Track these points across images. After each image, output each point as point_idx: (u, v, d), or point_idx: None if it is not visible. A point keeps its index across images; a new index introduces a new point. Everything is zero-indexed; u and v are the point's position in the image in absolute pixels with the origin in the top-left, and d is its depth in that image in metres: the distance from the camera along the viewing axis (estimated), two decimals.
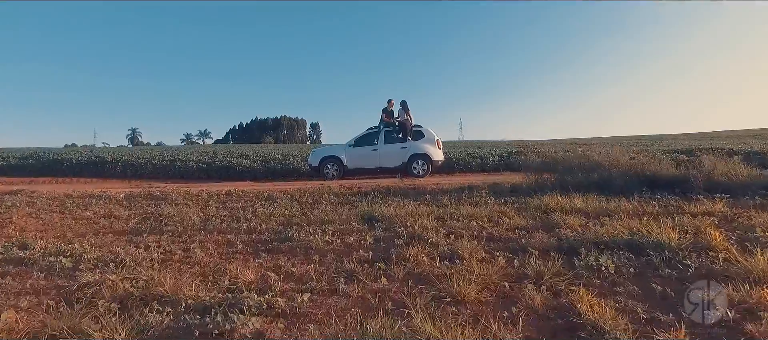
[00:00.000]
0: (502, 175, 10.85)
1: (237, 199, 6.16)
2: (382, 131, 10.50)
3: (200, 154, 14.60)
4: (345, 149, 10.48)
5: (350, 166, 10.40)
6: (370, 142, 10.43)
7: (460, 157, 12.05)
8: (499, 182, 7.35)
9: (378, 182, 8.85)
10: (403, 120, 10.53)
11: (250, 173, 11.62)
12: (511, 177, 9.25)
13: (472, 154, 12.84)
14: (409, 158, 10.28)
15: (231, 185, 9.41)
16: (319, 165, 10.43)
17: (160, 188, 8.72)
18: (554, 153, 11.73)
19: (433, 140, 10.51)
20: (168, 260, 3.19)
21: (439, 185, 7.63)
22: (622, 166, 5.81)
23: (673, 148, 14.33)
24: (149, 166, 11.87)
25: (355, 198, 5.85)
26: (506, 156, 12.65)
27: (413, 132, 10.51)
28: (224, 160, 12.21)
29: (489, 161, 11.94)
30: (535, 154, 11.32)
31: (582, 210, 4.35)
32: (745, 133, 44.10)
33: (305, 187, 7.90)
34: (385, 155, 10.34)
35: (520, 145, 19.62)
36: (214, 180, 11.49)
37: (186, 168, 11.83)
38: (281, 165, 11.84)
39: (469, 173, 11.67)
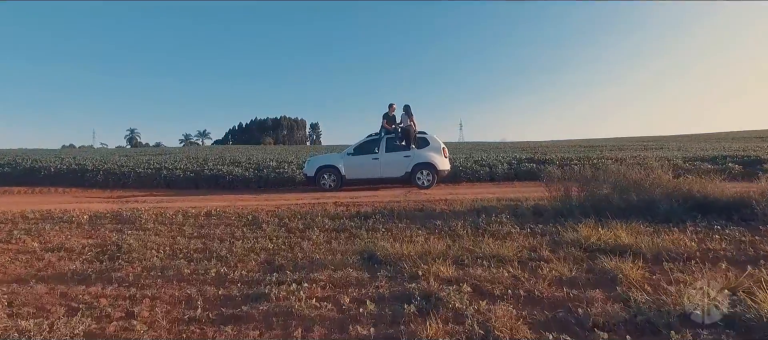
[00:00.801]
0: (514, 186, 10.02)
1: (216, 222, 5.32)
2: (384, 139, 9.67)
3: (189, 160, 13.76)
4: (343, 158, 9.64)
5: (349, 176, 9.57)
6: (371, 151, 9.60)
7: (467, 165, 11.21)
8: (515, 199, 6.53)
9: (379, 197, 8.02)
10: (407, 126, 9.70)
11: (241, 182, 10.78)
12: (526, 190, 8.42)
13: (479, 162, 11.99)
14: (412, 168, 9.44)
15: (218, 198, 8.57)
16: (315, 175, 9.60)
17: (137, 202, 7.89)
18: (576, 165, 10.88)
19: (439, 148, 9.67)
20: (99, 335, 2.36)
21: (448, 201, 6.80)
22: (666, 186, 4.97)
23: (694, 155, 13.46)
24: (133, 175, 11.03)
25: (353, 223, 5.01)
26: (516, 163, 11.81)
27: (417, 139, 9.68)
28: (214, 169, 11.37)
29: (498, 170, 11.10)
30: (558, 165, 10.49)
31: (632, 248, 3.52)
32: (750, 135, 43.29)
33: (298, 202, 7.06)
34: (387, 165, 9.50)
35: (526, 149, 18.77)
36: (202, 190, 10.65)
37: (172, 177, 10.99)
38: (275, 174, 11.00)
39: (476, 182, 10.83)
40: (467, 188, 9.69)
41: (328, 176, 9.56)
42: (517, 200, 6.38)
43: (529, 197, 6.77)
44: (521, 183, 10.62)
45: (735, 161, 11.16)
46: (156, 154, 23.37)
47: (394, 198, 7.81)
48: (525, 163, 11.62)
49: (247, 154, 21.81)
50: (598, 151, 23.74)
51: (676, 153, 18.97)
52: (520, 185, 10.09)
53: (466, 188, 9.80)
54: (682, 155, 13.13)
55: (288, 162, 13.27)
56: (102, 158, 13.87)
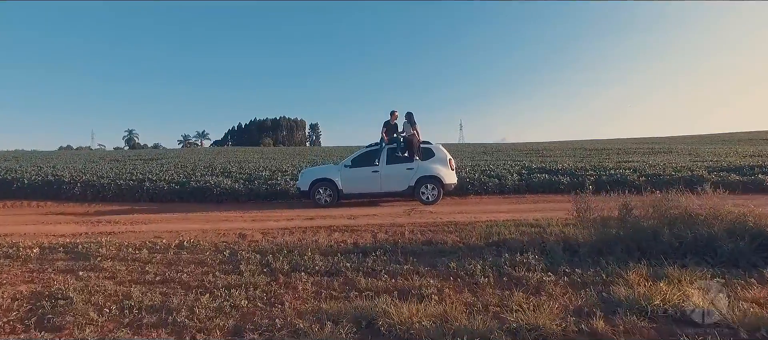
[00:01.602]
0: (527, 201, 9.20)
1: (187, 259, 4.48)
2: (385, 149, 8.85)
3: (177, 170, 12.92)
4: (340, 170, 8.82)
5: (346, 191, 8.75)
6: (370, 163, 8.78)
7: (474, 176, 10.38)
8: (536, 225, 5.69)
9: (379, 216, 7.19)
10: (409, 136, 8.88)
11: (230, 196, 9.95)
12: (543, 208, 7.58)
13: (486, 172, 11.17)
14: (416, 182, 8.63)
15: (202, 216, 7.74)
16: (310, 189, 8.77)
17: (109, 224, 7.06)
18: (592, 176, 9.99)
19: (445, 160, 8.85)
20: None
21: (458, 225, 5.98)
22: (727, 219, 4.14)
23: (715, 163, 12.61)
24: (113, 187, 10.20)
25: (350, 262, 4.18)
26: (526, 174, 10.98)
27: (421, 150, 8.86)
28: (201, 180, 10.53)
29: (507, 182, 10.28)
30: (571, 176, 9.66)
31: (716, 317, 2.69)
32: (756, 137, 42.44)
33: (288, 225, 6.22)
34: (388, 178, 8.68)
35: (529, 151, 17.98)
36: (187, 204, 9.83)
37: (156, 189, 10.16)
38: (267, 186, 10.17)
39: (485, 196, 10.00)
40: (476, 204, 8.85)
41: (324, 190, 8.73)
42: (539, 226, 5.55)
43: (551, 219, 5.94)
44: (534, 196, 9.80)
45: (765, 172, 10.33)
46: (148, 159, 22.53)
47: (396, 218, 6.99)
48: (536, 173, 10.79)
49: (244, 158, 21.00)
50: (606, 156, 22.97)
51: (687, 158, 18.18)
52: (532, 199, 9.27)
53: (474, 203, 8.96)
54: (704, 165, 12.27)
55: (282, 171, 12.44)
56: (83, 168, 13.01)
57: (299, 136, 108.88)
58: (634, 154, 23.43)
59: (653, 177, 10.20)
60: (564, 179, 10.29)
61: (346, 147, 44.35)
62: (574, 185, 10.19)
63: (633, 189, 10.08)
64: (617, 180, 10.11)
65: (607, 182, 10.15)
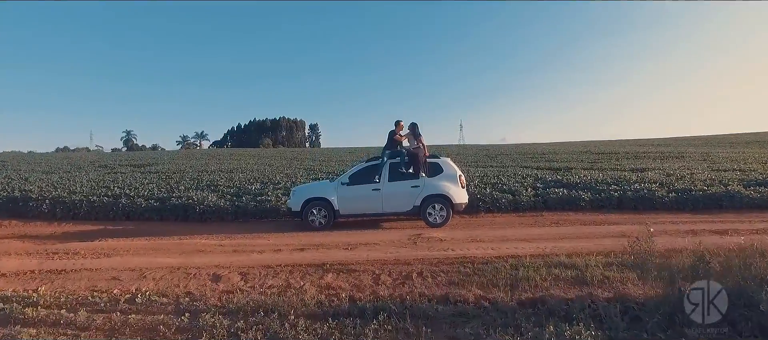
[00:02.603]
0: (545, 221, 8.21)
1: (134, 325, 3.49)
2: (386, 165, 7.85)
3: (161, 181, 11.90)
4: (336, 188, 7.83)
5: (343, 212, 7.76)
6: (370, 179, 7.78)
7: (485, 192, 9.38)
8: (571, 265, 4.70)
9: (380, 246, 6.19)
10: (415, 149, 7.89)
11: (214, 214, 8.96)
12: (567, 233, 6.57)
13: (498, 186, 10.16)
14: (422, 201, 7.64)
15: (175, 243, 6.74)
16: (303, 209, 7.78)
17: (67, 255, 6.05)
18: (616, 191, 8.91)
19: (455, 177, 7.85)
20: None
21: (476, 262, 4.98)
22: None
23: (744, 175, 11.59)
24: (86, 204, 9.19)
25: (345, 335, 3.19)
26: (541, 188, 9.99)
27: (428, 165, 7.87)
28: (183, 196, 9.53)
29: (522, 197, 9.29)
30: (592, 191, 8.55)
31: None
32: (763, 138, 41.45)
33: (273, 262, 5.18)
34: (391, 197, 7.70)
35: (532, 154, 17.01)
36: (167, 224, 8.83)
37: (133, 207, 9.16)
38: (255, 203, 9.17)
39: (498, 214, 9.01)
40: (490, 225, 7.86)
41: (318, 211, 7.74)
42: (576, 268, 4.56)
43: (588, 258, 4.95)
44: (552, 215, 8.81)
45: None
46: (139, 165, 21.52)
47: (401, 248, 6.00)
48: (553, 188, 9.78)
49: (237, 166, 20.00)
50: (615, 160, 21.92)
51: (703, 165, 17.19)
52: (552, 220, 8.28)
53: (488, 225, 7.96)
54: (734, 176, 11.25)
55: (274, 183, 11.44)
56: (57, 181, 11.93)
57: (299, 137, 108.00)
58: (644, 159, 22.40)
59: (683, 193, 9.21)
60: (584, 194, 9.30)
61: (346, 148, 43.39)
62: (595, 201, 9.22)
63: (662, 207, 9.22)
64: (644, 197, 9.13)
65: (633, 198, 9.18)
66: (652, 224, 7.79)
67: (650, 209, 8.97)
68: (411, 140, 8.04)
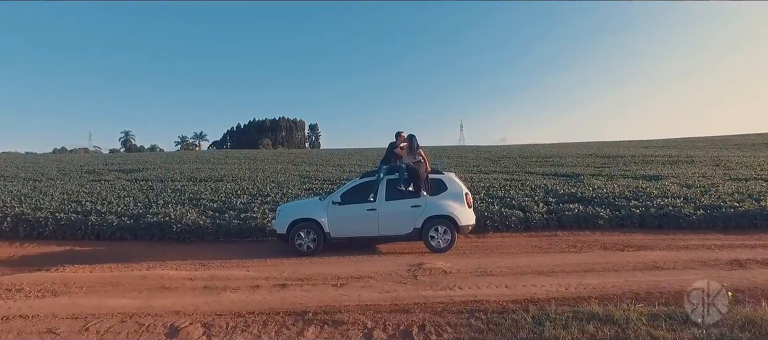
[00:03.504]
0: (561, 243, 7.35)
1: None
2: (383, 181, 6.98)
3: (141, 193, 11.01)
4: (327, 208, 6.96)
5: (335, 234, 6.90)
6: (364, 198, 6.91)
7: (494, 209, 8.49)
8: (607, 317, 3.81)
9: (375, 279, 5.31)
10: (415, 163, 7.02)
11: (193, 233, 8.10)
12: (590, 263, 5.67)
13: (507, 201, 9.28)
14: (424, 223, 6.78)
15: (144, 267, 5.86)
16: (289, 231, 6.91)
17: (7, 294, 5.17)
18: (638, 208, 7.93)
19: (460, 195, 6.98)
20: None
21: (488, 310, 4.12)
22: None
23: None
24: (51, 222, 8.32)
25: None
26: (554, 203, 9.11)
27: (430, 182, 7.00)
28: (160, 213, 8.65)
29: (533, 214, 8.42)
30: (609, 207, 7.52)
31: None
32: None
33: (240, 317, 4.29)
34: (388, 218, 6.84)
35: (536, 156, 16.14)
36: (140, 244, 8.00)
37: (104, 225, 8.30)
38: (239, 221, 8.30)
39: (507, 234, 8.15)
40: (499, 251, 6.99)
41: (306, 233, 6.87)
42: (614, 323, 3.68)
43: (623, 296, 4.09)
44: (568, 235, 7.95)
45: None
46: (128, 170, 20.60)
47: (398, 286, 5.12)
48: (567, 204, 8.90)
49: (229, 171, 19.10)
50: (623, 165, 21.00)
51: (718, 171, 16.31)
52: (569, 242, 7.42)
53: (497, 249, 7.08)
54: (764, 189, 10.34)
55: (263, 196, 10.56)
56: (28, 193, 10.99)
57: (298, 137, 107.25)
58: (653, 163, 21.48)
59: (712, 209, 8.33)
60: (602, 211, 8.43)
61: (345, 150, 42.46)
62: (615, 219, 8.35)
63: (689, 226, 8.34)
64: (669, 214, 8.25)
65: (656, 215, 8.31)
66: (682, 248, 7.02)
67: (676, 227, 8.11)
68: (409, 153, 7.17)
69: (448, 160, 27.40)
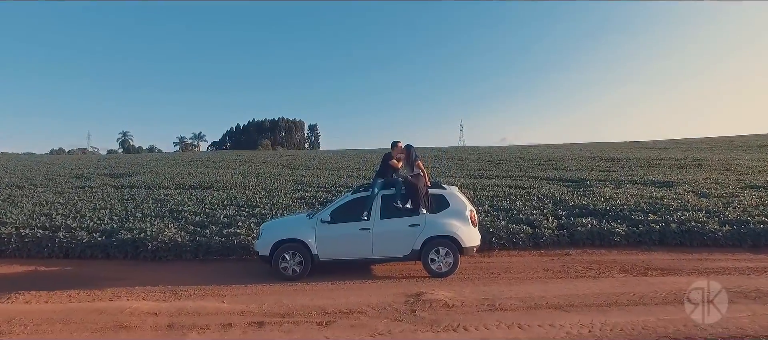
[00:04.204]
0: (576, 264, 6.65)
1: None
2: (378, 197, 6.26)
3: (119, 204, 10.27)
4: (315, 226, 6.23)
5: (323, 257, 6.18)
6: (357, 216, 6.18)
7: (500, 225, 7.78)
8: None
9: (367, 314, 4.58)
10: (414, 177, 6.31)
11: (170, 252, 7.39)
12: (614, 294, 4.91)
13: (513, 214, 8.55)
14: (423, 244, 6.07)
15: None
16: (272, 254, 6.19)
17: None
18: (658, 224, 7.17)
19: (463, 213, 6.26)
20: None
21: None
22: None
23: None
24: (15, 239, 7.60)
25: None
26: (565, 217, 8.39)
27: (430, 198, 6.28)
28: (135, 228, 7.93)
29: (543, 230, 7.72)
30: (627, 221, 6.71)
31: None
32: None
33: None
34: (384, 239, 6.12)
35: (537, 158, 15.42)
36: (112, 264, 7.30)
37: (73, 242, 7.59)
38: (221, 238, 7.58)
39: (515, 252, 7.44)
40: (507, 278, 6.24)
41: (292, 255, 6.15)
42: None
43: None
44: (582, 254, 7.25)
45: None
46: (118, 175, 19.87)
47: (393, 326, 4.40)
48: (579, 219, 8.18)
49: (221, 176, 18.40)
50: (628, 169, 20.29)
51: (730, 176, 15.62)
52: (584, 263, 6.71)
53: (505, 276, 6.32)
54: None
55: (251, 207, 9.84)
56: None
57: (298, 137, 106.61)
58: (659, 168, 20.73)
59: (739, 225, 7.61)
60: (619, 227, 7.71)
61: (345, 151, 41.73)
62: (632, 236, 7.63)
63: (715, 244, 7.64)
64: (691, 231, 7.53)
65: (678, 232, 7.59)
66: (712, 271, 6.30)
67: (699, 245, 7.40)
68: (406, 165, 6.46)
69: (449, 163, 26.67)
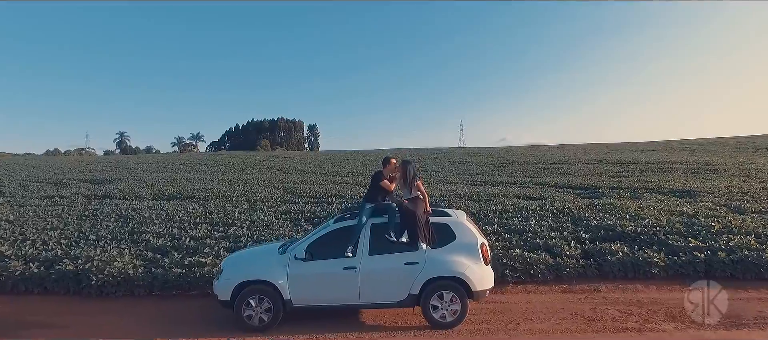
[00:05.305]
0: (607, 304, 5.40)
1: None
2: (367, 227, 5.01)
3: (72, 224, 8.95)
4: (287, 265, 4.96)
5: (297, 302, 4.93)
6: (340, 252, 4.90)
7: (514, 253, 6.52)
8: None
9: None
10: (412, 201, 5.07)
11: (119, 287, 6.15)
12: None
13: (528, 237, 7.29)
14: (423, 287, 4.82)
15: None
16: (235, 298, 4.93)
17: None
18: (702, 253, 5.93)
19: (474, 246, 4.99)
20: None
21: None
22: None
23: None
24: None
25: None
26: (589, 242, 7.15)
27: (432, 228, 5.02)
28: (80, 257, 6.67)
29: (565, 258, 6.48)
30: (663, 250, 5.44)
31: None
32: None
33: None
34: (373, 280, 4.87)
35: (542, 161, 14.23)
36: (50, 301, 6.08)
37: (5, 274, 6.34)
38: (182, 268, 6.34)
39: (532, 286, 6.20)
40: (528, 324, 5.00)
41: (258, 301, 4.89)
42: None
43: None
44: (613, 289, 6.02)
45: None
46: (98, 182, 18.62)
47: None
48: (607, 244, 6.93)
49: (206, 184, 17.16)
50: (640, 173, 19.09)
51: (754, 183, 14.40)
52: (618, 302, 5.46)
53: (525, 326, 5.06)
54: None
55: (226, 225, 8.58)
56: None
57: (297, 138, 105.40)
58: (672, 173, 19.47)
59: None
60: (656, 255, 6.46)
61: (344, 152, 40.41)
62: (672, 267, 6.38)
63: None
64: (744, 261, 6.28)
65: (727, 262, 6.34)
66: None
67: (756, 278, 6.17)
68: (402, 187, 5.22)
69: (450, 167, 25.39)
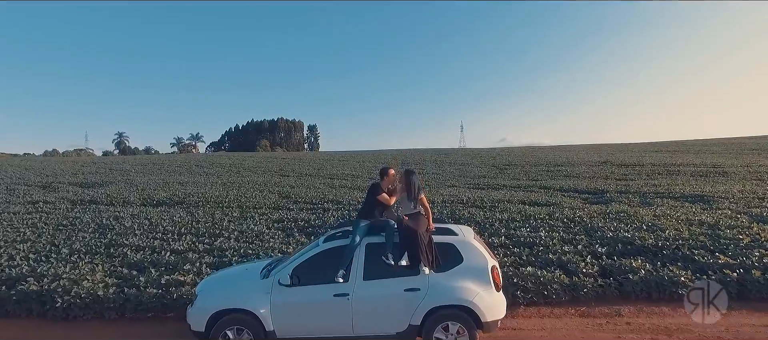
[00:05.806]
0: (631, 332, 4.77)
1: None
2: (361, 247, 4.38)
3: (46, 235, 8.36)
4: (270, 291, 4.33)
5: (281, 333, 4.31)
6: (330, 276, 4.26)
7: (526, 271, 5.90)
8: None
9: None
10: (413, 218, 4.46)
11: (87, 309, 5.54)
12: None
13: (539, 252, 6.68)
14: (425, 317, 4.19)
15: None
16: (210, 330, 4.31)
17: None
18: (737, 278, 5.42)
19: (484, 270, 4.35)
20: None
21: None
22: None
23: None
24: None
25: None
26: (606, 257, 6.54)
27: (436, 249, 4.40)
28: (47, 275, 6.05)
29: (582, 278, 5.85)
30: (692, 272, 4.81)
31: None
32: None
33: None
34: (368, 308, 4.25)
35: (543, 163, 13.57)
36: (13, 323, 5.46)
37: None
38: (157, 289, 5.72)
39: (546, 309, 5.57)
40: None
41: (236, 333, 4.27)
42: None
43: None
44: (635, 312, 5.42)
45: None
46: (85, 185, 18.00)
47: None
48: (627, 260, 6.31)
49: (199, 188, 16.56)
50: (647, 177, 18.55)
51: None
52: (639, 324, 4.86)
53: None
54: None
55: (213, 237, 7.97)
56: None
57: (297, 138, 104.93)
58: (679, 176, 18.94)
59: None
60: (683, 274, 5.84)
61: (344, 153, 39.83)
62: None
63: None
64: None
65: (761, 281, 5.72)
66: None
67: None
68: (404, 202, 4.59)
69: (451, 169, 24.81)
